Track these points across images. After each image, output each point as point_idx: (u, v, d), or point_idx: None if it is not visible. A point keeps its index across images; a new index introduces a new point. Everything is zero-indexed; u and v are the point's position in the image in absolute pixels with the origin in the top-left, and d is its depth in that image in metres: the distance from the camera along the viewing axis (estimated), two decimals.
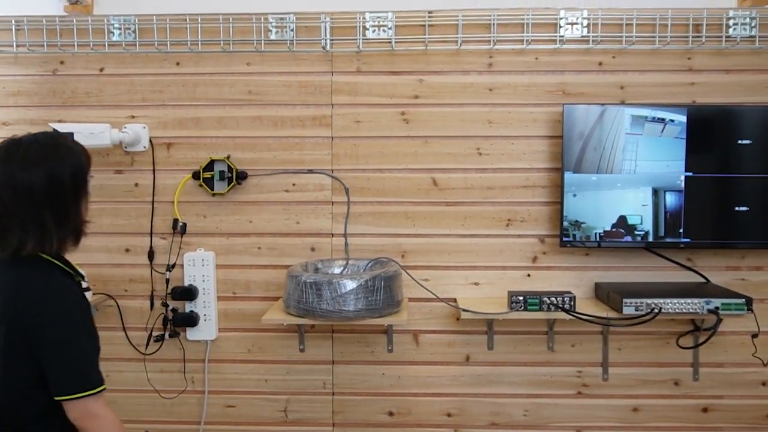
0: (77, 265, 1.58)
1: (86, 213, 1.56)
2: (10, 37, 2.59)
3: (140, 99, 2.60)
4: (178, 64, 2.60)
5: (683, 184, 2.42)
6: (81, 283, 1.58)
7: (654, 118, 2.41)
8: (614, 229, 2.43)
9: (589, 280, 2.56)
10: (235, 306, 2.63)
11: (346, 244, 2.59)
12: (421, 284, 2.53)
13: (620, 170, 2.42)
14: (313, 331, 2.61)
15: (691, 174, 2.42)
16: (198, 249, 2.61)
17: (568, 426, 2.60)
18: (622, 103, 2.50)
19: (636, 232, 2.43)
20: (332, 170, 2.59)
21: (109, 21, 2.57)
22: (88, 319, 1.51)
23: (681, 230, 2.42)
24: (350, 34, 2.54)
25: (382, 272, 2.30)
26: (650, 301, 2.28)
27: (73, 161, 1.51)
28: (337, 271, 2.49)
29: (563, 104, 2.43)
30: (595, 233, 2.44)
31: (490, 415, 2.61)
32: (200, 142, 2.60)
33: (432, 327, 2.60)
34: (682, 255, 2.53)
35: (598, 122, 2.41)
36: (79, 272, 1.56)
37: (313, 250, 2.60)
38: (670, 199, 2.42)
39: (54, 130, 2.31)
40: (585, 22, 2.50)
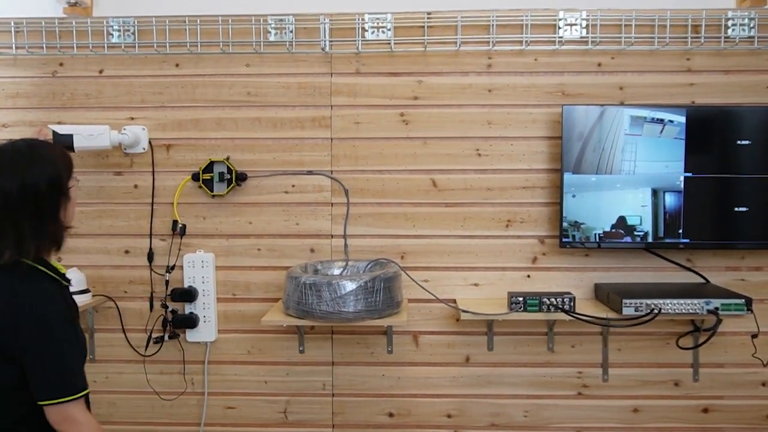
0: (66, 267, 1.56)
1: (70, 218, 1.55)
2: (9, 38, 2.59)
3: (139, 100, 2.61)
4: (177, 65, 2.60)
5: (682, 185, 2.42)
6: (68, 288, 1.57)
7: (653, 118, 2.41)
8: (614, 230, 2.43)
9: (588, 281, 2.56)
10: (234, 307, 2.63)
11: (346, 246, 2.58)
12: (420, 285, 2.53)
13: (619, 171, 2.42)
14: (313, 333, 2.61)
15: (691, 174, 2.41)
16: (198, 250, 2.61)
17: (569, 427, 2.60)
18: (622, 104, 2.50)
19: (635, 233, 2.43)
20: (332, 171, 2.59)
21: (108, 23, 2.57)
22: (69, 325, 1.50)
23: (680, 231, 2.42)
24: (349, 36, 2.54)
25: (381, 273, 2.30)
26: (650, 301, 2.28)
27: (49, 169, 1.49)
28: (336, 272, 2.49)
29: (562, 105, 2.43)
30: (595, 234, 2.44)
31: (490, 416, 2.61)
32: (199, 144, 2.60)
33: (432, 328, 2.60)
34: (682, 255, 2.53)
35: (598, 123, 2.41)
36: (64, 276, 1.55)
37: (312, 251, 2.60)
38: (670, 200, 2.42)
39: (53, 131, 2.31)
40: (584, 23, 2.50)
